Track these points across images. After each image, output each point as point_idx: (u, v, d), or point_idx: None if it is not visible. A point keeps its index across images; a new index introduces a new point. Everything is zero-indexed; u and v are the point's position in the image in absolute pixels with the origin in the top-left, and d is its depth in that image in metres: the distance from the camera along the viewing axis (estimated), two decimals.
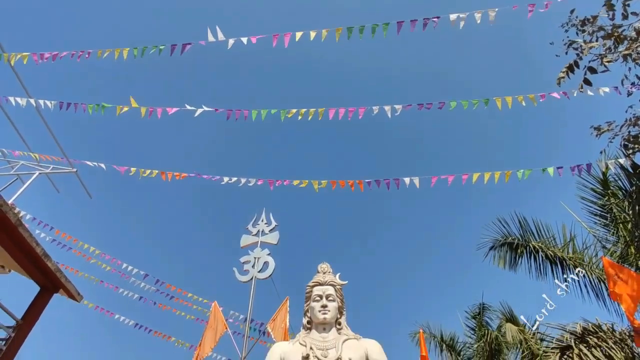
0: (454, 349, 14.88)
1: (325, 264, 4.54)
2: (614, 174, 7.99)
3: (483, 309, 14.33)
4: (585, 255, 8.51)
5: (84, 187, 10.45)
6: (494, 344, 13.10)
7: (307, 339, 3.87)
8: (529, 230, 9.00)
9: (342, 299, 4.24)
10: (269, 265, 6.84)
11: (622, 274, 5.41)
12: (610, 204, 7.97)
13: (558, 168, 6.18)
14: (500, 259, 9.23)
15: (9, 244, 6.61)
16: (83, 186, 10.37)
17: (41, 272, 7.50)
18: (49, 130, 9.39)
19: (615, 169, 7.21)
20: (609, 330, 6.95)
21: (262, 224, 7.53)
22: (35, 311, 7.59)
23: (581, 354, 6.47)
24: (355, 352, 3.69)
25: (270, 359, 3.81)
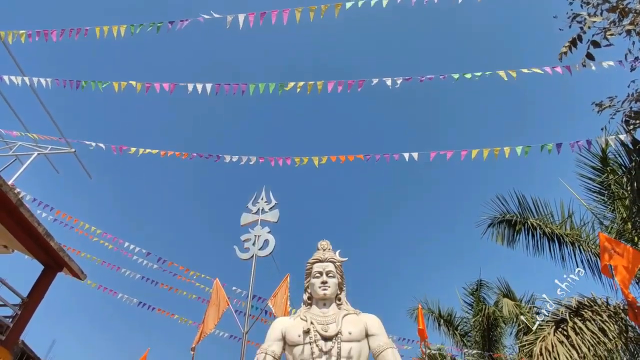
0: (451, 324, 15.23)
1: (325, 241, 4.58)
2: (614, 150, 7.98)
3: (480, 286, 14.61)
4: (583, 231, 8.59)
5: (83, 168, 10.45)
6: (491, 319, 13.41)
7: (307, 314, 3.93)
8: (528, 207, 9.06)
9: (342, 276, 4.30)
10: (269, 243, 6.90)
11: (618, 249, 5.48)
12: (609, 180, 7.98)
13: (558, 145, 6.15)
14: (499, 235, 9.32)
15: (10, 223, 6.67)
16: (82, 167, 10.37)
17: (44, 251, 7.60)
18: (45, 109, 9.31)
19: (615, 146, 7.19)
20: (604, 304, 7.07)
21: (262, 202, 7.56)
22: (40, 289, 7.73)
23: (575, 327, 6.62)
24: (355, 327, 3.75)
25: (271, 334, 3.87)
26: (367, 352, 3.68)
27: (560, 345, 6.50)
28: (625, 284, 5.47)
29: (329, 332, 3.63)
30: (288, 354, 3.71)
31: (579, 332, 6.55)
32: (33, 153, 10.01)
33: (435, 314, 15.39)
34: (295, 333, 3.69)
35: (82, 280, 8.72)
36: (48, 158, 10.30)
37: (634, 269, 5.33)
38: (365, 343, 3.71)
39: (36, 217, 7.08)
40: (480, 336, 13.54)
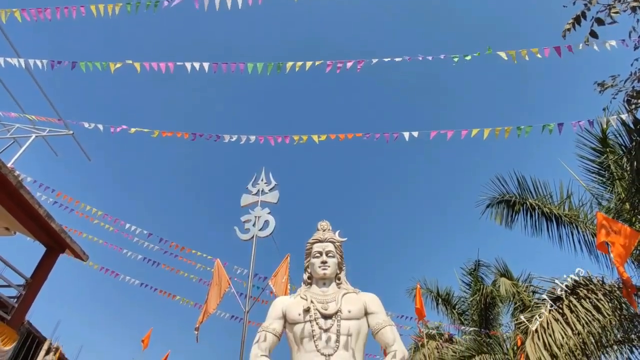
0: (449, 303, 15.50)
1: (325, 221, 4.60)
2: (615, 130, 7.95)
3: (479, 266, 14.78)
4: (581, 212, 8.65)
5: (82, 150, 10.41)
6: (488, 298, 13.63)
7: (307, 293, 3.98)
8: (527, 188, 9.09)
9: (342, 255, 4.34)
10: (270, 223, 6.94)
11: (615, 227, 5.54)
12: (609, 160, 7.98)
13: (559, 125, 6.11)
14: (498, 215, 9.37)
15: (11, 205, 6.70)
16: (81, 149, 10.32)
17: (46, 232, 7.65)
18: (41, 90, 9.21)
19: (616, 125, 7.16)
20: (599, 282, 7.18)
21: (262, 184, 7.56)
22: (43, 270, 7.83)
23: (571, 305, 6.74)
24: (354, 305, 3.80)
25: (272, 312, 3.93)
26: (367, 329, 3.75)
27: (556, 323, 6.63)
28: (621, 262, 5.55)
29: (329, 311, 3.68)
30: (289, 331, 3.78)
31: (574, 310, 6.67)
32: (31, 135, 9.96)
33: (434, 293, 15.64)
34: (295, 311, 3.75)
35: (84, 261, 8.80)
36: (46, 140, 10.25)
37: (630, 248, 5.40)
38: (365, 321, 3.78)
39: (36, 199, 7.10)
40: (477, 315, 13.79)
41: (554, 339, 6.41)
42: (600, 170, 8.53)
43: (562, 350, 6.34)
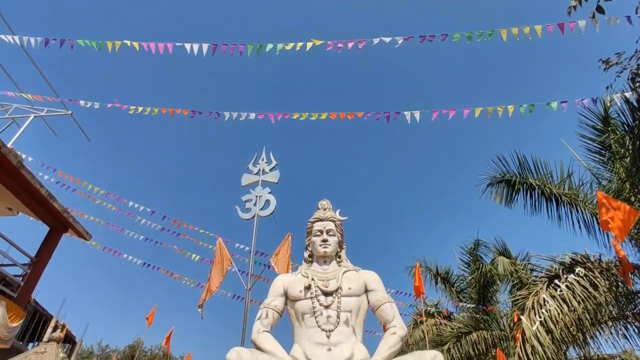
0: (448, 282, 15.73)
1: (326, 200, 4.63)
2: (618, 109, 7.89)
3: (478, 245, 14.94)
4: (581, 191, 8.67)
5: (81, 130, 10.36)
6: (487, 276, 13.82)
7: (308, 271, 4.03)
8: (528, 167, 9.08)
9: (342, 234, 4.38)
10: (271, 203, 6.95)
11: (615, 205, 5.57)
12: (610, 139, 7.95)
13: (562, 103, 6.04)
14: (497, 195, 9.40)
15: (13, 185, 6.71)
16: (80, 129, 10.28)
17: (48, 212, 7.70)
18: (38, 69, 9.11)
19: (620, 104, 7.09)
20: (596, 260, 7.27)
21: (262, 163, 7.53)
22: (47, 249, 7.92)
23: (568, 282, 6.84)
24: (355, 282, 3.86)
25: (273, 290, 3.99)
26: (366, 306, 3.82)
27: (552, 300, 6.75)
28: (621, 238, 5.62)
29: (330, 288, 3.74)
30: (290, 308, 3.85)
31: (571, 287, 6.78)
32: (29, 115, 9.90)
33: (433, 272, 15.85)
34: (296, 289, 3.81)
35: (87, 240, 8.89)
36: (45, 120, 10.19)
37: (629, 225, 5.45)
38: (365, 298, 3.84)
39: (38, 179, 7.11)
40: (476, 293, 14.01)
41: (550, 316, 6.54)
42: (601, 150, 8.52)
43: (558, 326, 6.48)
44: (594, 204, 8.22)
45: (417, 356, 3.06)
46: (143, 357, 33.37)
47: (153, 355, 33.56)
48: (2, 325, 6.07)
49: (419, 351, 3.25)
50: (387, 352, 3.35)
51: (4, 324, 6.11)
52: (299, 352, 3.39)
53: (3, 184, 6.51)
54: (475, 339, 11.63)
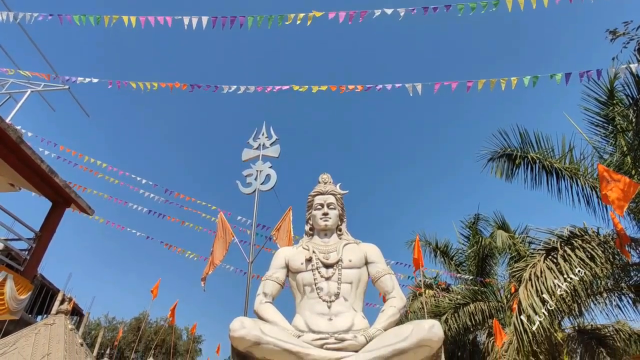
0: (447, 255, 15.97)
1: (326, 174, 4.64)
2: (622, 82, 7.78)
3: (478, 219, 15.07)
4: (582, 165, 8.66)
5: (79, 106, 10.25)
6: (485, 250, 14.01)
7: (309, 243, 4.08)
8: (529, 141, 9.05)
9: (343, 207, 4.41)
10: (271, 177, 6.97)
11: (615, 178, 5.59)
12: (614, 112, 7.87)
13: (566, 75, 5.94)
14: (498, 169, 9.41)
15: (13, 160, 6.71)
16: (78, 104, 10.17)
17: (50, 187, 7.74)
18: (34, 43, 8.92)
19: (624, 76, 6.98)
20: (594, 233, 7.34)
21: (262, 138, 7.50)
22: (51, 224, 8.00)
23: (565, 255, 6.94)
24: (355, 255, 3.92)
25: (275, 262, 4.06)
26: (367, 278, 3.89)
27: (549, 272, 6.87)
28: (620, 210, 5.66)
29: (330, 260, 3.80)
30: (291, 280, 3.92)
31: (568, 259, 6.88)
32: (26, 90, 9.78)
33: (432, 245, 16.06)
34: (298, 261, 3.87)
35: (90, 215, 8.97)
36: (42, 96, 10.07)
37: (629, 197, 5.49)
38: (365, 270, 3.91)
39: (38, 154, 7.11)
40: (474, 266, 14.24)
41: (547, 287, 6.67)
42: (604, 123, 8.45)
43: (554, 297, 6.62)
44: (595, 178, 8.23)
45: (415, 325, 3.14)
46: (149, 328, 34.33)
47: (159, 327, 34.51)
48: (11, 298, 6.23)
49: (417, 320, 3.33)
50: (386, 321, 3.44)
51: (13, 296, 6.27)
52: (301, 322, 3.48)
53: (3, 159, 6.51)
54: (473, 310, 11.92)
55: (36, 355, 9.98)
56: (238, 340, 3.03)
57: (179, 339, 35.84)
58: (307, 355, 3.04)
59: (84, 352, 11.72)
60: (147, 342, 32.75)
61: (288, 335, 3.20)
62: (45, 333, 10.99)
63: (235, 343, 3.07)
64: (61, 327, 11.39)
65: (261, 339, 3.01)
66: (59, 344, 10.58)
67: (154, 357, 21.31)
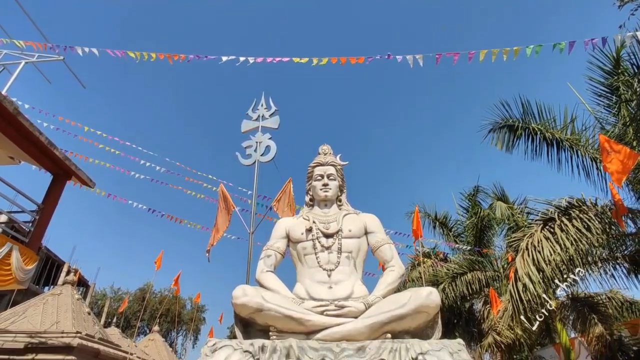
0: (446, 226, 16.16)
1: (326, 145, 4.62)
2: (629, 51, 7.61)
3: (477, 191, 15.15)
4: (583, 136, 8.61)
5: (75, 77, 10.07)
6: (484, 221, 14.16)
7: (310, 214, 4.13)
8: (531, 112, 8.95)
9: (343, 178, 4.43)
10: (271, 148, 6.95)
11: (616, 148, 5.57)
12: (619, 81, 7.75)
13: (570, 43, 5.79)
14: (498, 140, 9.35)
15: (11, 132, 6.66)
16: (74, 75, 9.98)
17: (50, 160, 7.72)
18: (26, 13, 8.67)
19: (631, 45, 6.81)
20: (592, 204, 7.39)
21: (262, 109, 7.42)
22: (53, 197, 8.04)
23: (562, 225, 7.02)
24: (355, 225, 3.97)
25: (276, 232, 4.12)
26: (366, 247, 3.96)
27: (546, 241, 6.97)
28: (619, 181, 5.68)
29: (330, 230, 3.86)
30: (292, 249, 3.99)
31: (565, 230, 6.96)
32: (20, 62, 9.59)
33: (432, 217, 16.23)
34: (298, 231, 3.93)
35: (91, 188, 9.00)
36: (37, 67, 9.88)
37: (628, 168, 5.49)
38: (364, 240, 3.97)
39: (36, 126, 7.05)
40: (472, 237, 14.44)
41: (543, 256, 6.79)
42: (608, 94, 8.33)
43: (549, 266, 6.75)
44: (595, 149, 8.21)
45: (413, 292, 3.23)
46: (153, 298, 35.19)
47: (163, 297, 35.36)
48: (18, 268, 6.36)
49: (415, 287, 3.42)
50: (385, 289, 3.52)
51: (19, 266, 6.40)
52: (301, 290, 3.57)
53: (1, 132, 6.46)
54: (470, 279, 12.18)
55: (45, 324, 10.30)
56: (241, 307, 3.12)
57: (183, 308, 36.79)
58: (307, 321, 3.13)
59: (92, 321, 12.08)
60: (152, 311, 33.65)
61: (289, 302, 3.29)
62: (53, 303, 11.29)
63: (238, 310, 3.17)
64: (68, 297, 11.69)
65: (263, 306, 3.10)
66: (67, 312, 10.88)
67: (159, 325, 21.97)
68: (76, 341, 9.41)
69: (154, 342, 19.70)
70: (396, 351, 2.81)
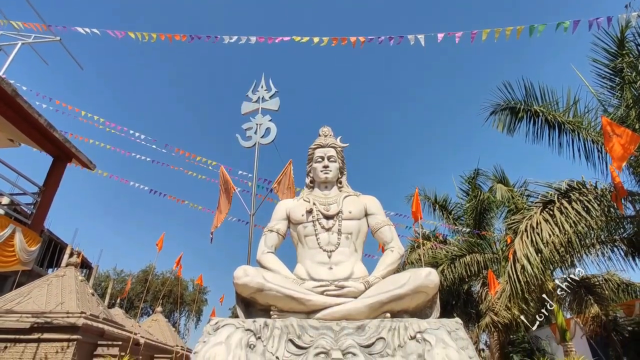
0: (445, 209, 16.23)
1: (327, 127, 4.60)
2: (634, 32, 7.48)
3: (477, 174, 15.14)
4: (585, 119, 8.55)
5: (72, 58, 9.95)
6: (484, 204, 14.20)
7: (310, 196, 4.14)
8: (534, 94, 8.87)
9: (343, 160, 4.42)
10: (271, 130, 6.91)
11: (618, 131, 5.54)
12: (623, 62, 7.64)
13: (574, 22, 5.67)
14: (500, 122, 9.29)
15: (10, 115, 6.62)
16: (71, 57, 9.86)
17: (50, 142, 7.71)
18: None
19: (636, 25, 6.68)
20: (592, 187, 7.40)
21: (262, 91, 7.34)
22: (54, 179, 8.06)
23: (562, 207, 7.04)
24: (355, 206, 3.98)
25: (276, 214, 4.13)
26: (366, 229, 3.98)
27: (545, 223, 7.00)
28: (619, 166, 5.67)
29: (331, 212, 3.87)
30: (293, 231, 4.02)
31: (564, 212, 6.98)
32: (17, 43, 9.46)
33: (432, 200, 16.28)
34: (299, 212, 3.95)
35: (91, 170, 9.00)
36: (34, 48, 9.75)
37: (630, 150, 5.47)
38: (364, 221, 3.99)
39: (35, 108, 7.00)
40: (472, 219, 14.50)
41: (542, 238, 6.83)
42: (612, 75, 8.23)
43: (548, 248, 6.81)
44: (597, 132, 8.16)
45: (412, 272, 3.27)
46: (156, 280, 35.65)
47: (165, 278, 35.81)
48: (21, 249, 6.43)
49: (415, 268, 3.46)
50: (384, 270, 3.56)
51: (23, 247, 6.47)
52: (302, 271, 3.61)
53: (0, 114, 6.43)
54: (469, 261, 12.29)
55: (50, 304, 10.47)
56: (242, 287, 3.17)
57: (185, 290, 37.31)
58: (308, 300, 3.18)
59: (96, 301, 12.28)
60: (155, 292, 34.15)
61: (290, 283, 3.33)
62: (57, 284, 11.45)
63: (240, 290, 3.21)
64: (72, 278, 11.85)
65: (264, 286, 3.14)
66: (71, 293, 11.05)
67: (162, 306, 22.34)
68: (81, 321, 9.59)
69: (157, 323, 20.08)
70: (395, 330, 2.86)
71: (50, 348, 9.21)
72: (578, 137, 8.54)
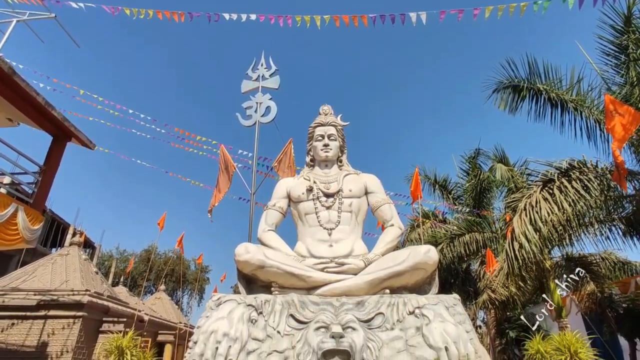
0: (445, 189, 16.27)
1: (327, 105, 4.57)
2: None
3: (478, 154, 15.10)
4: (588, 97, 8.45)
5: (68, 35, 9.78)
6: (484, 183, 14.22)
7: (310, 174, 4.16)
8: (537, 72, 8.73)
9: (344, 139, 4.42)
10: (271, 109, 6.86)
11: (621, 110, 5.49)
12: (628, 40, 7.50)
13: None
14: (502, 101, 9.18)
15: (7, 93, 6.56)
16: (67, 34, 9.69)
17: (49, 121, 7.67)
18: None
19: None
20: (592, 166, 7.38)
21: (262, 69, 7.24)
22: (54, 158, 8.05)
23: (561, 186, 7.04)
24: (355, 185, 4.00)
25: (277, 192, 4.16)
26: (366, 207, 4.01)
27: (544, 202, 7.02)
28: (620, 145, 5.65)
29: (331, 190, 3.90)
30: (293, 209, 4.05)
31: (564, 191, 7.00)
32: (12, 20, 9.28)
33: (431, 179, 16.30)
34: (299, 191, 3.97)
35: (91, 149, 8.98)
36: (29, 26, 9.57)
37: (632, 129, 5.44)
38: (365, 199, 4.02)
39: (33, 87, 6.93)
40: (472, 199, 14.55)
41: (540, 216, 6.87)
42: (617, 53, 8.08)
43: (546, 226, 6.85)
44: (600, 110, 8.09)
45: (412, 250, 3.31)
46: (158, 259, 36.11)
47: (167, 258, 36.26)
48: (25, 228, 6.50)
49: (414, 246, 3.50)
50: (384, 247, 3.61)
51: (26, 226, 6.53)
52: (302, 248, 3.66)
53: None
54: (468, 240, 12.40)
55: (55, 282, 10.64)
56: (243, 264, 3.22)
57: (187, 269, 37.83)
58: (308, 277, 3.24)
59: (100, 280, 12.47)
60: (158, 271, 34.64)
61: (290, 260, 3.38)
62: (62, 262, 11.61)
63: (241, 267, 3.26)
64: (75, 257, 12.00)
65: (265, 263, 3.19)
66: (75, 272, 11.21)
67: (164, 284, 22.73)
68: (86, 298, 9.76)
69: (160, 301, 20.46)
70: (394, 305, 2.92)
71: (57, 324, 9.42)
72: (581, 116, 8.47)
